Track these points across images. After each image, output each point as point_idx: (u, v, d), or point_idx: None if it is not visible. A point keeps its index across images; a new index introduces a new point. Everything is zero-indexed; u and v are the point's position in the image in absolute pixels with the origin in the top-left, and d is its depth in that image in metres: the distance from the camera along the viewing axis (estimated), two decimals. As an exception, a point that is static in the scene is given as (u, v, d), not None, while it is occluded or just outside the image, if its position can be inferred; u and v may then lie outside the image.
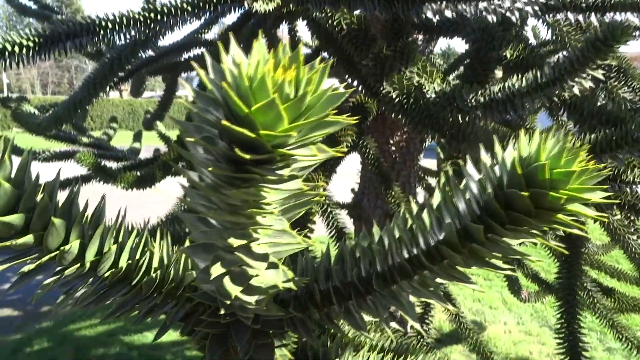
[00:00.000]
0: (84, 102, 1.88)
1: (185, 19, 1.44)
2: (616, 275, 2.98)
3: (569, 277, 1.63)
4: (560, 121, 2.52)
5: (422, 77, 1.22)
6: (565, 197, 0.27)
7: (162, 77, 3.39)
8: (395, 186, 2.05)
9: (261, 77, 0.21)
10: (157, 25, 1.40)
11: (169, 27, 1.48)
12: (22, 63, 1.27)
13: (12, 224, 0.32)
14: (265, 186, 0.25)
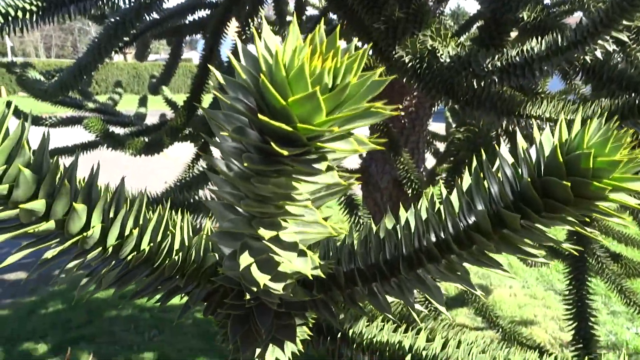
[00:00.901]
0: (89, 67, 1.85)
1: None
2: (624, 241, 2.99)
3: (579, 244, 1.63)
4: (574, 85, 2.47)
5: (436, 41, 1.18)
6: (610, 187, 0.26)
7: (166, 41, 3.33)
8: (404, 152, 2.03)
9: (299, 66, 0.19)
10: (163, -12, 1.36)
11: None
12: (27, 28, 1.24)
13: (34, 210, 0.31)
14: (298, 178, 0.24)
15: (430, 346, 0.71)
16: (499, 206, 0.32)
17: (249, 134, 0.22)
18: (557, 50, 0.83)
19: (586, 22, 0.79)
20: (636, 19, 1.79)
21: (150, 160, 2.24)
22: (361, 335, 0.76)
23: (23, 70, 2.19)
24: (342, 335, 0.77)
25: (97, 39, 1.84)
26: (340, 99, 0.20)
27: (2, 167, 0.29)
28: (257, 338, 0.41)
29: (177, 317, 0.43)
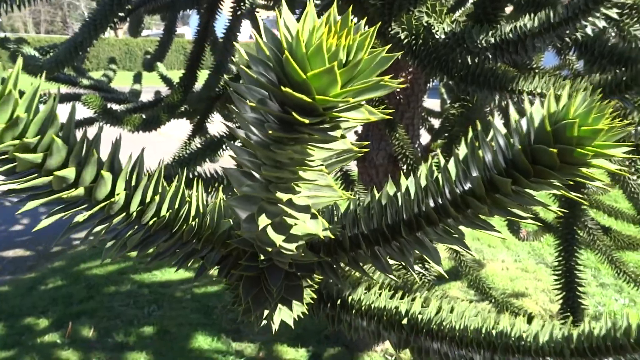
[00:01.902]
0: (85, 43, 1.85)
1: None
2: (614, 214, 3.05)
3: (570, 216, 1.68)
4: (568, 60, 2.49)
5: (432, 17, 1.20)
6: (591, 153, 0.29)
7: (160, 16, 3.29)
8: (399, 128, 2.06)
9: (318, 44, 0.22)
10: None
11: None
12: (24, 5, 1.25)
13: (65, 177, 0.34)
14: (313, 145, 0.27)
15: (425, 311, 0.75)
16: (493, 172, 0.35)
17: (270, 105, 0.25)
18: (549, 27, 0.85)
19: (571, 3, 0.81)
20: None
21: (144, 136, 2.25)
22: (360, 301, 0.80)
23: (17, 46, 2.18)
24: (341, 302, 0.81)
25: (92, 14, 1.83)
26: (353, 73, 0.23)
27: (37, 137, 0.32)
28: (268, 298, 0.45)
29: (194, 278, 0.46)
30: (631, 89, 0.83)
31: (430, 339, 0.74)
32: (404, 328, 0.76)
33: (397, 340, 0.78)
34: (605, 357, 0.54)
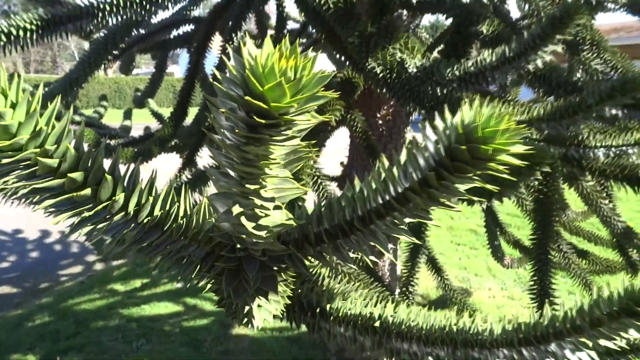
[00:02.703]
0: (80, 80, 1.95)
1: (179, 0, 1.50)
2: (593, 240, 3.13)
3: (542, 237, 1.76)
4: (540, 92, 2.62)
5: (404, 53, 1.31)
6: (492, 149, 0.38)
7: (151, 55, 3.42)
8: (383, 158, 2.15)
9: (271, 65, 0.30)
10: (152, 7, 1.46)
11: (163, 7, 1.54)
12: (27, 46, 1.34)
13: (76, 179, 0.41)
14: (273, 144, 0.35)
15: (396, 315, 0.82)
16: (425, 171, 0.43)
17: (238, 113, 0.33)
18: (505, 60, 0.95)
19: (527, 36, 0.92)
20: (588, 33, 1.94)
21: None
22: (337, 310, 0.87)
23: (13, 84, 2.26)
24: (320, 311, 0.88)
25: (87, 53, 1.93)
26: (298, 87, 0.31)
27: (54, 145, 0.40)
28: (246, 288, 0.52)
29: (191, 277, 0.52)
30: (577, 114, 0.93)
31: (401, 340, 0.81)
32: (377, 331, 0.82)
33: (371, 343, 0.84)
34: (548, 344, 0.61)
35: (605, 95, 0.89)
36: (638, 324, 0.53)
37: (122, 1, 1.45)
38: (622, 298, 0.53)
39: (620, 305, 0.53)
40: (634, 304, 0.52)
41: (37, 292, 4.11)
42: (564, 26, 0.86)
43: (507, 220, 5.13)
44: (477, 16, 1.36)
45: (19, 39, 1.33)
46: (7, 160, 0.38)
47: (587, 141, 1.20)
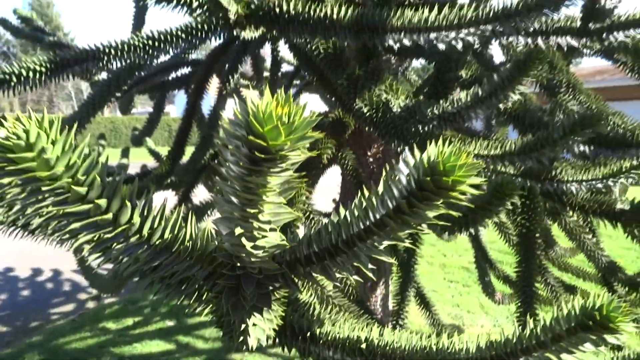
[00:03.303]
0: (83, 121, 2.03)
1: (180, 45, 1.61)
2: (582, 276, 3.19)
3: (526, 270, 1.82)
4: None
5: (389, 94, 1.41)
6: (451, 180, 0.45)
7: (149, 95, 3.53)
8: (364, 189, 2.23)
9: (270, 111, 0.38)
10: (155, 52, 1.56)
11: (165, 52, 1.64)
12: (35, 87, 1.43)
13: (100, 205, 0.48)
14: (270, 175, 0.42)
15: (381, 338, 0.88)
16: (398, 199, 0.50)
17: (242, 149, 0.41)
18: (477, 100, 1.05)
19: (497, 78, 1.02)
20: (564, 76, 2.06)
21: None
22: (326, 334, 0.93)
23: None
24: (310, 335, 0.94)
25: (91, 94, 2.03)
26: (291, 129, 0.39)
27: (84, 176, 0.47)
28: (244, 305, 0.58)
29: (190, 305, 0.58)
30: (545, 148, 1.02)
31: (386, 361, 0.86)
32: (363, 353, 0.88)
33: (358, 365, 0.90)
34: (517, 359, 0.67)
35: (568, 130, 0.98)
36: (593, 338, 0.59)
37: (127, 46, 1.55)
38: (578, 315, 0.60)
39: (576, 321, 0.60)
40: (588, 319, 0.59)
41: (28, 331, 4.07)
42: (527, 70, 0.96)
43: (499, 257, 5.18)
44: (456, 61, 1.47)
45: (29, 80, 1.42)
46: (46, 188, 0.45)
47: (560, 176, 1.28)
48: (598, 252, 2.40)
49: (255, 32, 1.45)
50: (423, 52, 1.62)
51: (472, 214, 0.97)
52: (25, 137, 0.43)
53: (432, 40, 1.07)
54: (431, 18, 1.04)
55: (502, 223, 2.67)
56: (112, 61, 1.54)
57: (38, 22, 3.05)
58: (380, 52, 1.66)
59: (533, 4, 0.92)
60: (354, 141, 2.45)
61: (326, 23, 1.18)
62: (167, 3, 1.30)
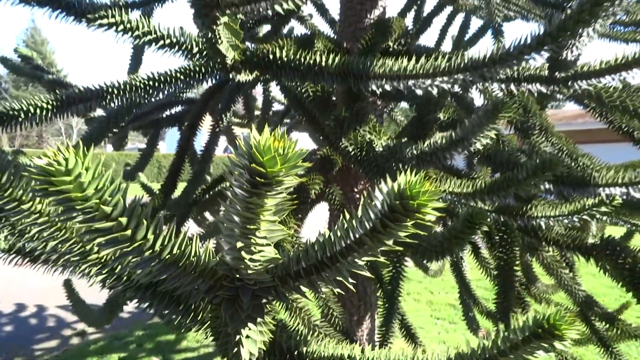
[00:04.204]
0: (81, 155, 2.11)
1: (178, 85, 1.72)
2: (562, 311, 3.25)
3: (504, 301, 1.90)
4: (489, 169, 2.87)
5: (373, 135, 1.52)
6: (416, 203, 0.55)
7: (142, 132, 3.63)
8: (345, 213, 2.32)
9: (268, 145, 0.48)
10: (154, 92, 1.67)
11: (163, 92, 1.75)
12: (41, 123, 1.52)
13: (122, 222, 0.57)
14: (267, 197, 0.51)
15: (363, 354, 0.96)
16: (374, 220, 0.60)
17: (245, 176, 0.50)
18: (452, 143, 1.16)
19: (468, 124, 1.14)
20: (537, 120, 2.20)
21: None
22: (312, 352, 1.01)
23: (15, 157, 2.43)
24: (298, 354, 1.01)
25: (89, 130, 2.12)
26: (285, 159, 0.48)
27: (110, 197, 0.56)
28: (240, 315, 0.66)
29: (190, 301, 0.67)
30: (510, 187, 1.13)
31: (367, 376, 0.94)
32: (346, 369, 0.95)
33: (340, 380, 0.97)
34: (482, 369, 0.75)
35: (531, 171, 1.10)
36: (545, 345, 0.68)
37: (129, 86, 1.66)
38: (531, 325, 0.69)
39: (529, 330, 0.69)
40: (538, 329, 0.67)
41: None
42: (494, 117, 1.08)
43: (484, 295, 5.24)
44: (435, 105, 1.60)
45: (35, 116, 1.51)
46: (79, 207, 0.54)
47: (530, 212, 1.39)
48: (575, 287, 2.50)
49: (250, 75, 1.57)
50: (404, 96, 1.75)
51: (447, 242, 1.07)
52: (65, 164, 0.53)
53: (410, 86, 1.19)
54: (409, 67, 1.16)
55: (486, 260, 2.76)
56: (114, 100, 1.64)
57: (38, 60, 3.18)
58: (365, 95, 1.79)
59: (497, 57, 1.05)
60: (342, 178, 2.56)
61: (315, 69, 1.31)
62: (169, 48, 1.42)
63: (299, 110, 1.92)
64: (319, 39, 2.12)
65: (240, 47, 1.43)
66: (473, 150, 1.24)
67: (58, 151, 0.53)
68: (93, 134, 2.09)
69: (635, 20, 2.48)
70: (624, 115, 1.84)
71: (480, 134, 1.12)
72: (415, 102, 1.66)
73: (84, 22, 1.32)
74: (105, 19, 1.32)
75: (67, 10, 1.28)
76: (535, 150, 2.07)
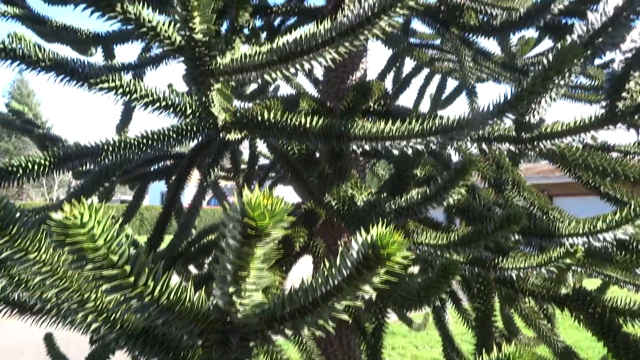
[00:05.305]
0: (71, 208, 2.16)
1: (171, 143, 1.82)
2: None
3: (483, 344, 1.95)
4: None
5: (354, 190, 1.62)
6: (386, 252, 0.63)
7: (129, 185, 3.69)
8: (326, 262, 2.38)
9: (258, 202, 0.56)
10: (147, 149, 1.76)
11: (156, 150, 1.84)
12: (38, 178, 1.59)
13: (126, 270, 0.64)
14: (257, 247, 0.59)
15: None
16: (350, 268, 0.68)
17: (238, 228, 0.58)
18: (426, 199, 1.26)
19: (441, 180, 1.24)
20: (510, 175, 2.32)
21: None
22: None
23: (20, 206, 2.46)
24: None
25: (80, 185, 2.19)
26: (273, 214, 0.57)
27: (117, 247, 0.63)
28: (230, 356, 0.72)
29: (183, 345, 0.73)
30: (480, 240, 1.22)
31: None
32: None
33: None
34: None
35: (498, 225, 1.19)
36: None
37: (123, 143, 1.75)
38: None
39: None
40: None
41: None
42: (463, 176, 1.19)
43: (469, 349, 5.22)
44: (413, 162, 1.72)
45: (33, 172, 1.58)
46: (91, 256, 0.61)
47: (502, 263, 1.48)
48: (553, 338, 2.55)
49: (239, 134, 1.68)
50: (384, 155, 1.87)
51: (424, 292, 1.14)
52: (80, 218, 0.60)
53: (387, 146, 1.30)
54: (386, 129, 1.27)
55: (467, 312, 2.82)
56: (108, 157, 1.73)
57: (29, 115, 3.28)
58: (348, 153, 1.90)
59: (464, 122, 1.17)
60: (325, 231, 2.63)
61: (301, 130, 1.41)
62: (164, 110, 1.52)
63: (285, 167, 2.02)
64: (303, 98, 2.26)
65: (231, 110, 1.54)
66: (447, 205, 1.34)
67: (73, 206, 0.61)
68: (84, 188, 2.15)
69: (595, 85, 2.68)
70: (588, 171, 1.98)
71: (451, 191, 1.22)
72: (393, 159, 1.77)
73: (85, 85, 1.43)
74: (106, 83, 1.42)
75: (71, 75, 1.39)
76: (508, 204, 2.19)
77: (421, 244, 1.34)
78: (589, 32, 1.36)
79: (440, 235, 1.34)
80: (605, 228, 1.28)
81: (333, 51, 1.20)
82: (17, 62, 1.46)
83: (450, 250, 1.30)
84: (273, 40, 1.67)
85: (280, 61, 1.26)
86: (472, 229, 1.26)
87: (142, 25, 1.25)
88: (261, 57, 1.26)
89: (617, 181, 2.02)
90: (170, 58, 2.37)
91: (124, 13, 1.25)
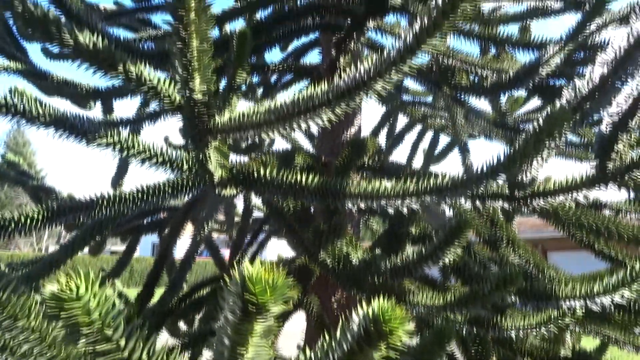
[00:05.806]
0: (60, 262, 2.13)
1: (166, 197, 1.81)
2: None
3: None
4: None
5: (349, 248, 1.61)
6: (388, 328, 0.62)
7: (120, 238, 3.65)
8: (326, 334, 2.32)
9: (259, 276, 0.56)
10: (142, 203, 1.76)
11: (151, 204, 1.83)
12: (30, 232, 1.57)
13: (120, 344, 0.62)
14: (257, 322, 0.58)
15: None
16: (351, 343, 0.66)
17: (238, 303, 0.57)
18: (421, 259, 1.26)
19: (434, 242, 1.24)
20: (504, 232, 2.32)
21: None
22: None
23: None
24: None
25: (72, 238, 2.16)
26: (276, 289, 0.56)
27: (111, 321, 0.62)
28: None
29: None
30: (476, 301, 1.21)
31: None
32: None
33: None
34: None
35: (494, 286, 1.19)
36: None
37: (117, 198, 1.74)
38: None
39: None
40: None
41: None
42: (457, 236, 1.19)
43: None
44: (407, 219, 1.72)
45: (25, 227, 1.56)
46: (86, 331, 0.59)
47: (500, 323, 1.45)
48: (554, 401, 2.47)
49: (235, 190, 1.68)
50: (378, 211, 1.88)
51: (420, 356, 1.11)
52: (75, 291, 0.59)
53: (382, 205, 1.30)
54: (381, 188, 1.28)
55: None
56: (102, 211, 1.71)
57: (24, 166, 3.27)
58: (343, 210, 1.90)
59: (458, 183, 1.18)
60: (319, 287, 2.59)
61: (296, 187, 1.42)
62: (161, 165, 1.53)
63: (279, 222, 2.01)
64: (299, 154, 2.28)
65: (227, 167, 1.55)
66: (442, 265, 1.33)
67: (69, 278, 0.60)
68: (76, 241, 2.12)
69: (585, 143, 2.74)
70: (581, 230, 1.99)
71: (447, 251, 1.22)
72: (388, 216, 1.78)
73: (83, 141, 1.44)
74: (104, 139, 1.43)
75: (70, 130, 1.40)
76: (504, 262, 2.18)
77: (417, 304, 1.32)
78: (577, 98, 1.40)
79: (437, 295, 1.32)
80: (602, 291, 1.28)
81: (330, 112, 1.22)
82: (18, 117, 1.47)
83: (447, 311, 1.28)
84: (269, 95, 1.69)
85: (277, 121, 1.28)
86: (469, 289, 1.24)
87: (143, 84, 1.27)
88: (259, 117, 1.28)
89: (611, 240, 2.03)
90: (168, 114, 2.41)
91: (126, 73, 1.27)
